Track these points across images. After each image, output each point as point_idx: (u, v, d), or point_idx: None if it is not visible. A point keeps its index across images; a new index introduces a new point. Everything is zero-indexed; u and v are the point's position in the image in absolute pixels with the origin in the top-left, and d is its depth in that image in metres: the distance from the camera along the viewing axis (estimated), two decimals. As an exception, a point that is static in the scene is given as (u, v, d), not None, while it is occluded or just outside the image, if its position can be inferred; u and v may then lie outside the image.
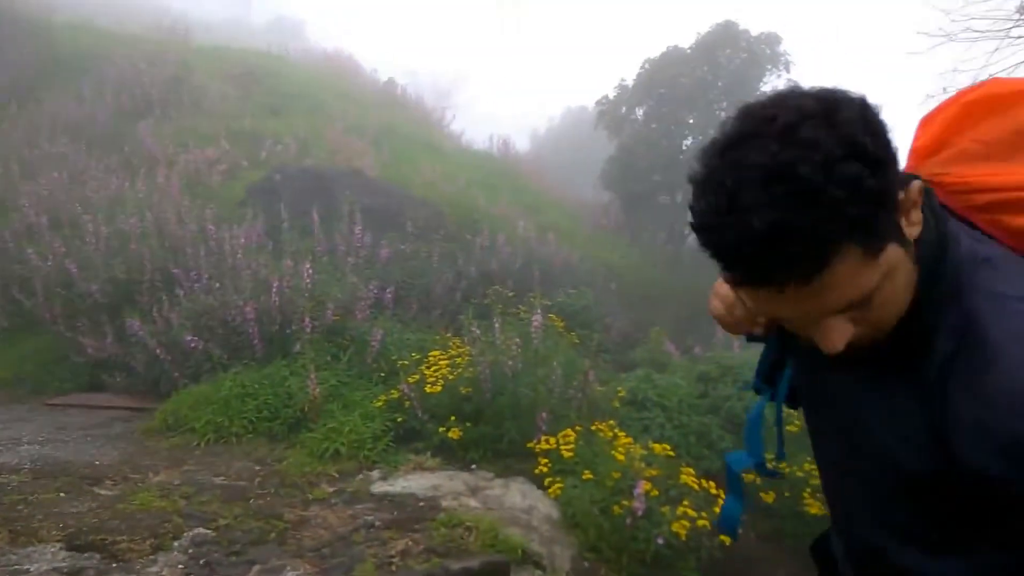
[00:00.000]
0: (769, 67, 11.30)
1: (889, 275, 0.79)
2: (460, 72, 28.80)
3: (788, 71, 11.30)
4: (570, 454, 4.28)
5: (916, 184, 0.82)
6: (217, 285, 5.92)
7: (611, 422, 4.75)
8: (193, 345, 5.35)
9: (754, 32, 11.34)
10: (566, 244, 9.73)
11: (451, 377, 4.94)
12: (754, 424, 1.26)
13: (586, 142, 17.16)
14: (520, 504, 4.17)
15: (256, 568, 3.13)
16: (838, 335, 0.80)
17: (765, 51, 11.22)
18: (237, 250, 6.31)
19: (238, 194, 8.50)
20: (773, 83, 11.38)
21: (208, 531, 3.43)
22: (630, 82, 12.33)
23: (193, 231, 6.85)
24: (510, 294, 7.31)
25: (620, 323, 8.48)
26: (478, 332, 5.33)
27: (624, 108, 12.34)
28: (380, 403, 4.90)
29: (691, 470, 4.30)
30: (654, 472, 4.14)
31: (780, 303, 0.78)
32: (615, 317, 8.52)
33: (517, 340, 5.27)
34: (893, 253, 0.79)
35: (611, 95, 12.57)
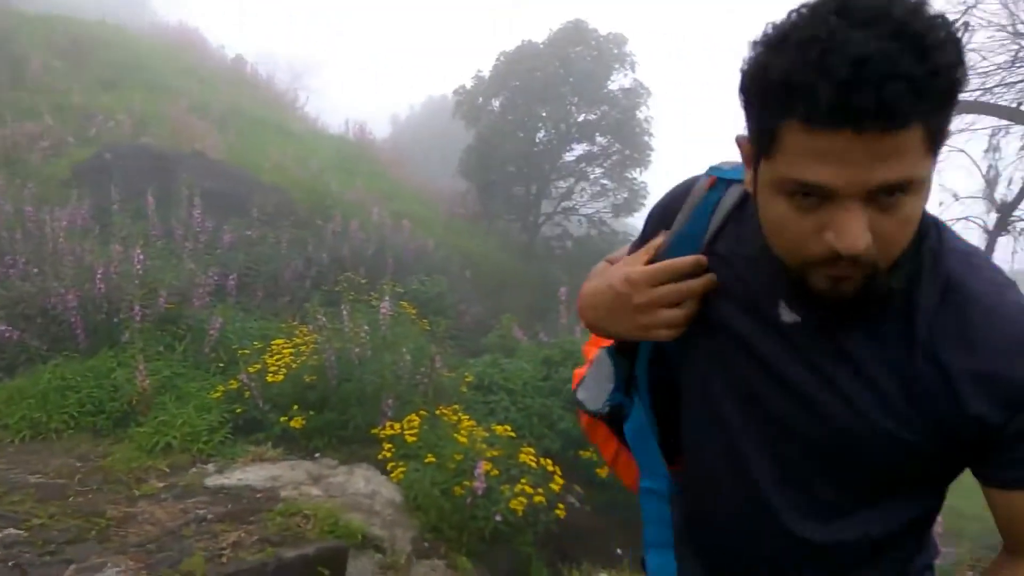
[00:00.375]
0: (616, 66, 11.80)
1: (919, 190, 0.77)
2: (317, 55, 27.86)
3: (633, 71, 11.86)
4: (414, 439, 4.34)
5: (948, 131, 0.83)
6: (35, 271, 5.47)
7: (456, 406, 4.85)
8: (8, 335, 4.92)
9: (602, 32, 11.81)
10: (422, 231, 9.74)
11: (294, 365, 4.85)
12: (644, 437, 1.14)
13: (446, 130, 17.18)
14: (363, 490, 4.17)
15: (73, 567, 2.96)
16: (858, 227, 0.75)
17: (612, 50, 11.71)
18: (59, 233, 5.85)
19: (63, 173, 7.86)
20: (620, 82, 11.91)
21: (20, 532, 3.19)
22: (487, 74, 12.49)
23: (8, 213, 6.28)
24: (362, 281, 7.26)
25: (474, 310, 8.62)
26: (324, 320, 5.26)
27: (481, 99, 12.49)
28: (218, 394, 4.74)
29: (531, 450, 4.47)
30: (496, 453, 4.28)
31: (830, 158, 0.73)
32: (469, 304, 8.65)
33: (366, 327, 5.25)
34: (928, 174, 0.77)
35: (468, 85, 12.68)
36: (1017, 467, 0.85)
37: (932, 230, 0.88)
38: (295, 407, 4.64)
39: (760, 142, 0.80)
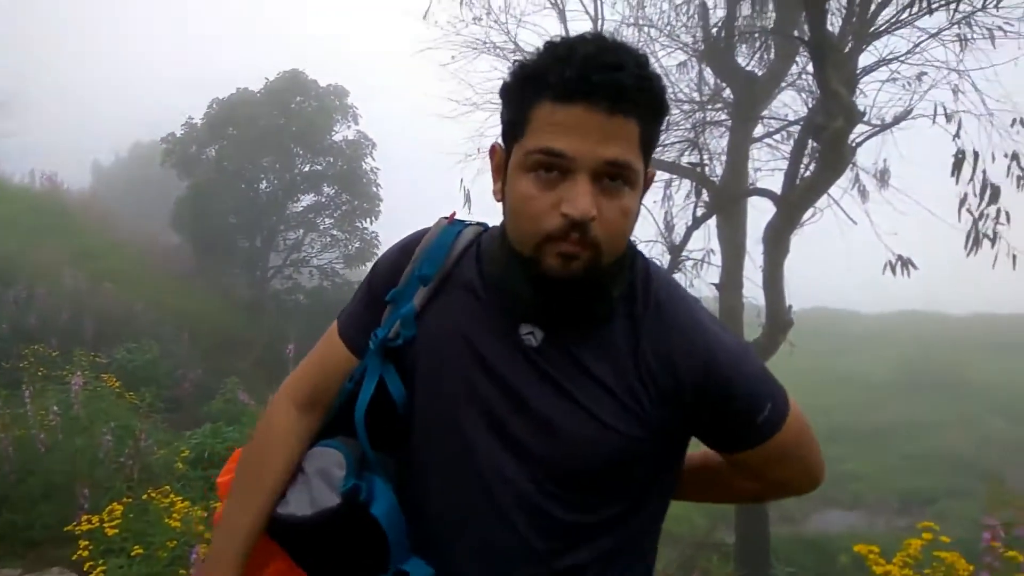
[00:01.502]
0: (338, 117, 11.85)
1: (635, 185, 0.93)
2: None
3: (356, 123, 12.01)
4: (115, 531, 3.87)
5: (653, 172, 1.01)
6: None
7: (166, 487, 4.42)
8: None
9: (323, 83, 11.82)
10: (129, 293, 8.87)
11: (-41, 463, 4.11)
12: (399, 522, 1.05)
13: (158, 180, 15.89)
14: (55, 599, 3.64)
15: None
16: (587, 196, 0.88)
17: (334, 102, 11.76)
18: None
19: None
20: (344, 133, 11.98)
21: None
22: (199, 121, 11.83)
23: None
24: (53, 354, 6.41)
25: (194, 375, 8.00)
26: (-2, 404, 4.54)
27: (194, 147, 11.78)
28: None
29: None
30: (216, 532, 3.96)
31: (569, 129, 0.88)
32: (188, 369, 8.02)
33: (55, 408, 4.62)
34: (641, 174, 0.94)
35: (179, 133, 11.89)
36: (748, 433, 1.02)
37: (640, 258, 1.04)
38: (-38, 513, 3.92)
39: (515, 128, 0.94)
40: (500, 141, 1.00)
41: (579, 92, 0.87)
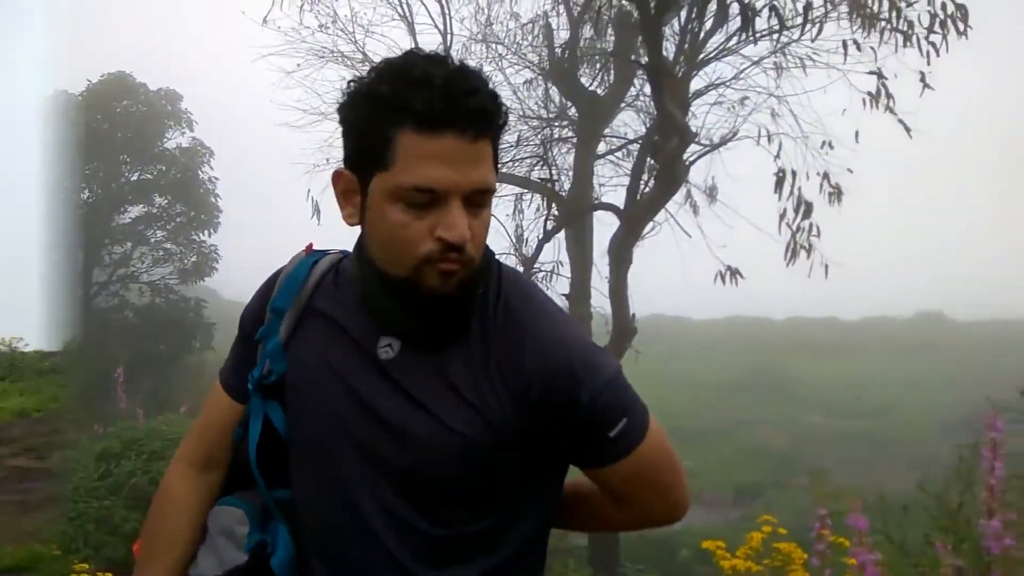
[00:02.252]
0: (171, 123, 11.16)
1: (491, 200, 0.96)
2: None
3: (192, 129, 11.36)
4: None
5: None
6: None
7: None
8: None
9: (153, 87, 11.09)
10: (-78, 315, 7.82)
11: None
12: (292, 570, 1.05)
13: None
14: None
15: None
16: (464, 221, 0.89)
17: (166, 107, 11.07)
18: None
19: None
20: (177, 140, 11.29)
21: None
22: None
23: None
24: None
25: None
26: None
27: (2, 152, 10.63)
28: None
29: (86, 565, 3.86)
30: (38, 579, 3.59)
31: (441, 160, 0.88)
32: (-3, 399, 7.19)
33: None
34: (492, 198, 0.97)
35: (-17, 136, 10.70)
36: (602, 447, 1.00)
37: (494, 262, 1.04)
38: None
39: (375, 157, 0.91)
40: (344, 166, 0.98)
41: (446, 121, 0.88)
